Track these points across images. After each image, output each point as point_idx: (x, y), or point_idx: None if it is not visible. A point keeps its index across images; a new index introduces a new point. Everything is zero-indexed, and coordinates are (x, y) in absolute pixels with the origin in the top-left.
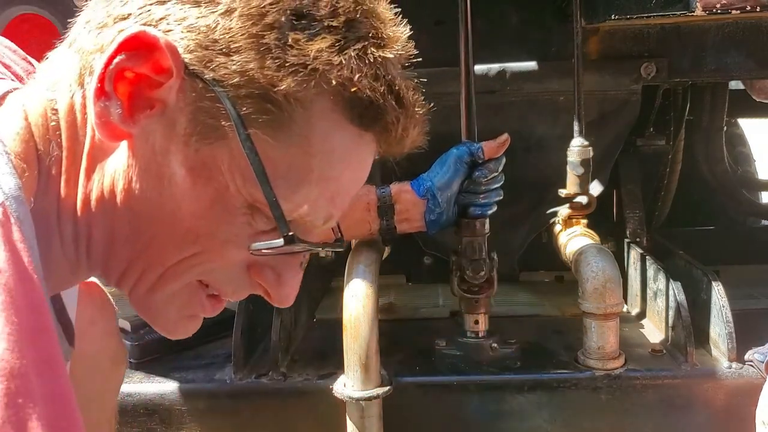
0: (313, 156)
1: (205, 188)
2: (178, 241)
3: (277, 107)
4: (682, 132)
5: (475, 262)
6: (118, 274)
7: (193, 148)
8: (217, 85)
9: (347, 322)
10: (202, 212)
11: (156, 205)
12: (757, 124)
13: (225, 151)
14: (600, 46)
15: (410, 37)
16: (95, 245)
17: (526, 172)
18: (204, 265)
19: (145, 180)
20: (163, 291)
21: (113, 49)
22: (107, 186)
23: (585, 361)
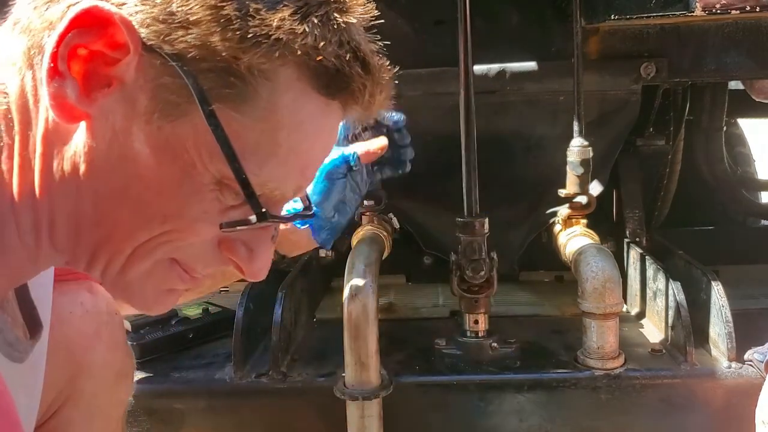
0: (281, 129)
1: (171, 167)
2: (146, 221)
3: (241, 80)
4: (682, 132)
5: (475, 262)
6: (87, 258)
7: (156, 125)
8: (176, 59)
9: (347, 322)
10: (168, 192)
11: (120, 187)
12: (757, 124)
13: (189, 128)
14: (600, 46)
15: (410, 37)
16: (59, 231)
17: (526, 172)
18: (173, 243)
19: (107, 161)
20: (134, 270)
21: (64, 26)
22: (68, 169)
23: (584, 360)
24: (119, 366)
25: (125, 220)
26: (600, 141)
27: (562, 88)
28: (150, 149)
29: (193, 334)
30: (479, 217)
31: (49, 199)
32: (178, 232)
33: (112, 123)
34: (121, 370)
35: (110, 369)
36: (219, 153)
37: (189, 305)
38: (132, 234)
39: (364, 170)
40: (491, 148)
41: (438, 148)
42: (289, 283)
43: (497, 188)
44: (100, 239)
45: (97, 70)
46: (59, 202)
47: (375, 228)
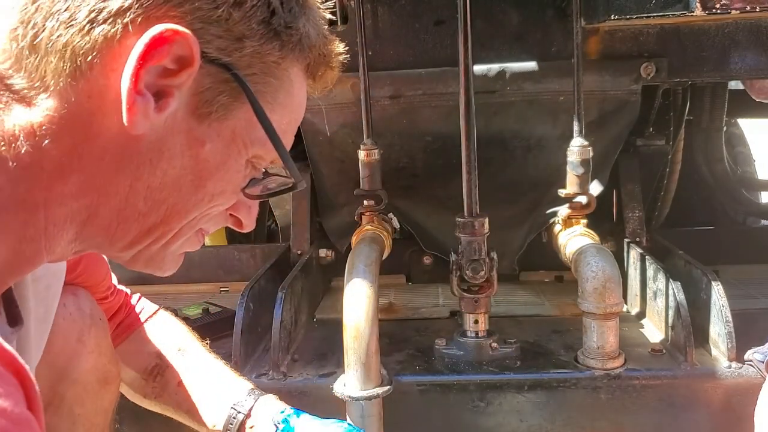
0: (292, 111)
1: (219, 156)
2: (196, 203)
3: (277, 79)
4: (682, 132)
5: (474, 262)
6: (124, 244)
7: (207, 123)
8: (231, 68)
9: (347, 322)
10: (216, 176)
11: (173, 179)
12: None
13: (236, 122)
14: (600, 46)
15: (410, 37)
16: (96, 225)
17: (526, 172)
18: (211, 215)
19: (162, 159)
20: (176, 245)
21: (142, 49)
22: (124, 171)
23: (585, 360)
24: (103, 372)
25: (178, 205)
26: (600, 141)
27: (562, 88)
28: (201, 145)
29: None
30: (479, 217)
31: (96, 196)
32: (217, 206)
33: (170, 126)
34: (105, 377)
35: (93, 375)
36: (260, 140)
37: (189, 305)
38: (185, 215)
39: None
40: (491, 148)
41: (438, 148)
42: (289, 283)
43: (497, 188)
44: (150, 224)
45: (164, 83)
46: (106, 200)
47: (375, 228)
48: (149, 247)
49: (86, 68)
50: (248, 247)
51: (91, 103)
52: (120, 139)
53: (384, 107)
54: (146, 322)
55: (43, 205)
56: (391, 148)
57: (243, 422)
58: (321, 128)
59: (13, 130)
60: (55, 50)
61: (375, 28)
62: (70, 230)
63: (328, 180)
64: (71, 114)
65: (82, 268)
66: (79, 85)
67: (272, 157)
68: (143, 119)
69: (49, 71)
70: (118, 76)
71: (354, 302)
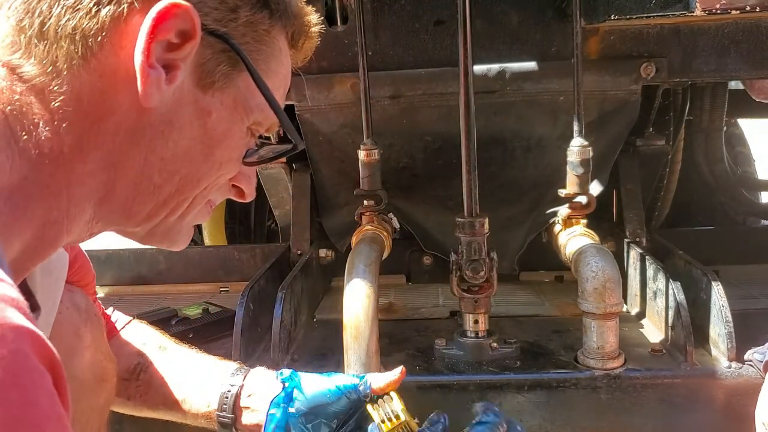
0: (283, 78)
1: (223, 124)
2: (206, 171)
3: (269, 46)
4: (682, 132)
5: (474, 262)
6: (142, 217)
7: (211, 93)
8: (228, 38)
9: (347, 322)
10: (222, 143)
11: (184, 150)
12: (757, 124)
13: (236, 90)
14: (600, 46)
15: (410, 37)
16: (114, 201)
17: (526, 172)
18: (219, 184)
19: (173, 131)
20: (191, 215)
21: (150, 25)
22: (139, 145)
23: (585, 360)
24: (99, 370)
25: (191, 174)
26: (600, 141)
27: (562, 88)
28: (208, 114)
29: (193, 334)
30: (479, 217)
31: (113, 172)
32: (225, 174)
33: (178, 98)
34: (102, 374)
35: (91, 372)
36: (259, 106)
37: (189, 305)
38: (197, 184)
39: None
40: (491, 148)
41: (438, 148)
42: (289, 283)
43: (497, 188)
44: (166, 195)
45: (170, 56)
46: (123, 175)
47: (375, 228)
48: (166, 219)
49: (97, 49)
50: (248, 247)
51: (103, 82)
52: (133, 114)
53: (384, 107)
54: (122, 330)
55: (65, 187)
56: (391, 148)
57: (238, 394)
58: (321, 128)
59: (33, 119)
60: (65, 35)
61: (375, 28)
62: (88, 209)
63: (328, 180)
64: (85, 95)
65: (78, 265)
66: (90, 66)
67: (270, 123)
68: (156, 92)
69: (61, 56)
70: (127, 54)
71: (354, 302)
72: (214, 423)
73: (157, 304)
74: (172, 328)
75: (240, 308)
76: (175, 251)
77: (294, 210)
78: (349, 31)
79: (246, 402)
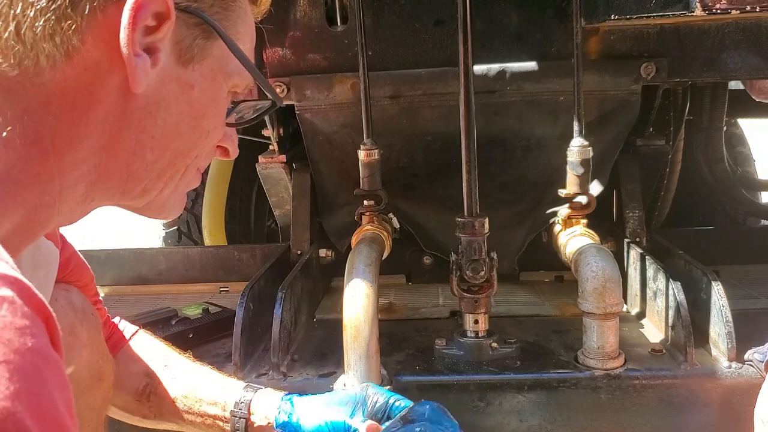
0: (251, 36)
1: (206, 94)
2: (195, 141)
3: (234, 11)
4: (682, 132)
5: (475, 262)
6: (138, 190)
7: (191, 68)
8: (201, 12)
9: (347, 322)
10: (207, 113)
11: (173, 125)
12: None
13: (213, 60)
14: (600, 46)
15: (410, 37)
16: (110, 181)
17: (526, 172)
18: (207, 150)
19: (160, 110)
20: (185, 183)
21: (129, 15)
22: (130, 127)
23: (585, 360)
24: (97, 369)
25: (181, 147)
26: (600, 141)
27: (562, 88)
28: (191, 88)
29: (193, 334)
30: (479, 217)
31: (105, 156)
32: (213, 141)
33: (162, 78)
34: (99, 373)
35: (87, 371)
36: (236, 69)
37: (189, 305)
38: (188, 154)
39: None
40: (491, 148)
41: (438, 148)
42: (289, 283)
43: (497, 188)
44: (159, 170)
45: (149, 40)
46: (115, 158)
47: (375, 228)
48: (162, 192)
49: (79, 45)
50: (248, 247)
51: (87, 74)
52: (120, 101)
53: (384, 107)
54: (130, 340)
55: (57, 174)
56: (391, 148)
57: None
58: (321, 128)
59: (17, 113)
60: (44, 36)
61: (375, 28)
62: (81, 190)
63: (328, 180)
64: (71, 88)
65: (73, 265)
66: (74, 61)
67: (246, 83)
68: (144, 77)
69: (43, 56)
70: (108, 45)
71: (354, 302)
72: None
73: (157, 304)
74: (172, 328)
75: (240, 308)
76: (176, 251)
77: (294, 210)
78: (349, 31)
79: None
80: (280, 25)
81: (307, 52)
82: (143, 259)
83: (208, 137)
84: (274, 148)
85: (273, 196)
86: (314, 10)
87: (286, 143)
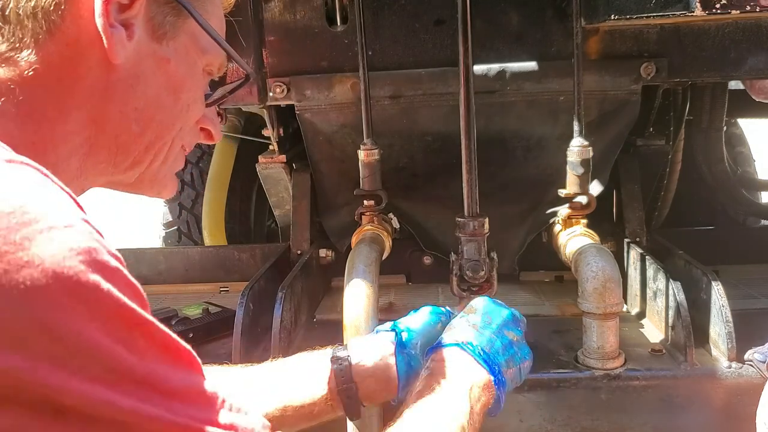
0: (221, 18)
1: (182, 68)
2: (177, 114)
3: None
4: (682, 132)
5: (474, 262)
6: (129, 162)
7: (165, 43)
8: None
9: (347, 322)
10: (186, 87)
11: (154, 97)
12: (757, 124)
13: (186, 37)
14: (600, 46)
15: (410, 37)
16: (100, 153)
17: (526, 172)
18: (190, 125)
19: (141, 83)
20: (171, 158)
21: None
22: (114, 100)
23: (585, 360)
24: None
25: (165, 119)
26: (600, 141)
27: (562, 88)
28: (167, 62)
29: (193, 334)
30: (479, 217)
31: (93, 128)
32: (193, 115)
33: (139, 52)
34: None
35: None
36: (208, 46)
37: (189, 305)
38: (172, 127)
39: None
40: (491, 148)
41: (438, 148)
42: (289, 283)
43: (497, 188)
44: (147, 143)
45: (123, 17)
46: (103, 129)
47: (375, 228)
48: (151, 165)
49: (59, 22)
50: (248, 247)
51: (70, 49)
52: (102, 74)
53: (384, 107)
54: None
55: (51, 145)
56: (391, 148)
57: (349, 365)
58: (321, 128)
59: (8, 85)
60: (27, 15)
61: (375, 28)
62: (75, 164)
63: (328, 180)
64: (55, 63)
65: None
66: (56, 38)
67: (219, 62)
68: (121, 48)
69: (27, 33)
70: (86, 21)
71: (354, 302)
72: (332, 405)
73: (157, 304)
74: (172, 328)
75: (240, 308)
76: (176, 251)
77: (294, 210)
78: (349, 31)
79: (360, 370)
80: (280, 25)
81: (307, 52)
82: (143, 259)
83: (188, 111)
84: (274, 148)
85: (273, 196)
86: (314, 10)
87: (286, 143)
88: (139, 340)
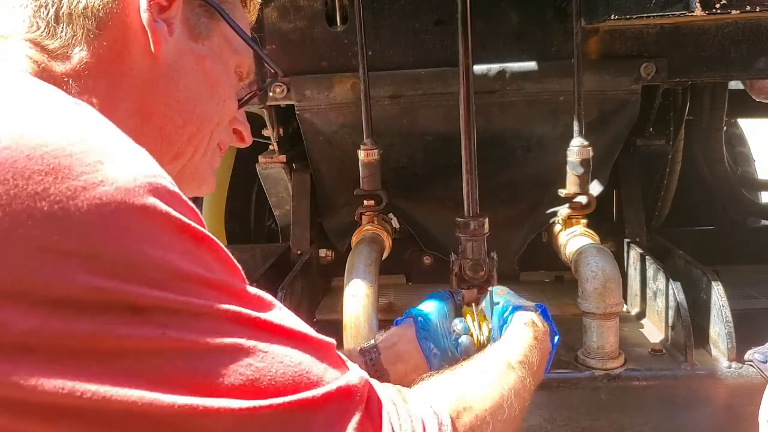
0: (247, 27)
1: (217, 65)
2: (215, 108)
3: (232, 2)
4: (682, 132)
5: (475, 262)
6: (173, 154)
7: (200, 42)
8: None
9: (347, 322)
10: (221, 82)
11: (194, 90)
12: (757, 124)
13: (218, 36)
14: (600, 46)
15: (410, 37)
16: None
17: (526, 172)
18: (225, 121)
19: (182, 77)
20: (210, 152)
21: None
22: (159, 92)
23: (585, 360)
24: None
25: (205, 111)
26: (600, 141)
27: (562, 88)
28: (204, 59)
29: None
30: (479, 217)
31: (140, 118)
32: (228, 111)
33: (179, 49)
34: None
35: None
36: (239, 47)
37: None
38: (211, 119)
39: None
40: (491, 148)
41: (438, 148)
42: (289, 283)
43: (497, 188)
44: (189, 135)
45: (163, 16)
46: (149, 120)
47: (375, 228)
48: (193, 157)
49: (107, 19)
50: (248, 247)
51: (117, 44)
52: (146, 67)
53: (384, 107)
54: None
55: None
56: (391, 148)
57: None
58: (321, 128)
59: (61, 77)
60: (78, 15)
61: (375, 28)
62: None
63: (328, 180)
64: (104, 57)
65: None
66: (105, 33)
67: (248, 64)
68: (165, 42)
69: (79, 30)
70: (132, 18)
71: (354, 302)
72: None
73: None
74: None
75: None
76: None
77: (294, 210)
78: (349, 31)
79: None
80: (280, 26)
81: (307, 52)
82: None
83: (224, 105)
84: (274, 148)
85: (273, 196)
86: (314, 10)
87: (286, 143)
88: (206, 255)
